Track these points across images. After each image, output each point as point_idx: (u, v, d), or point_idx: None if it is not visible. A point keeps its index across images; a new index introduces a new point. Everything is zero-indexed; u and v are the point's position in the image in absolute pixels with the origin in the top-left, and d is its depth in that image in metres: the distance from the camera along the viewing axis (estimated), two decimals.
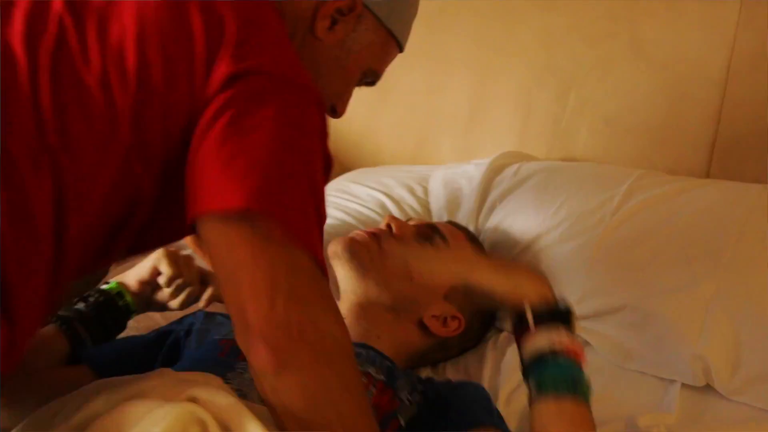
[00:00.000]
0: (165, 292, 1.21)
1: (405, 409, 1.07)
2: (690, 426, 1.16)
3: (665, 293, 1.24)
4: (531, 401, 0.95)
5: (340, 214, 1.50)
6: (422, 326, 1.23)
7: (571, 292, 1.27)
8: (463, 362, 1.30)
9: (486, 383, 1.23)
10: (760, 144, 1.41)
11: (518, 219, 1.38)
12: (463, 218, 1.44)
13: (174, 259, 1.21)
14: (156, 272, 1.21)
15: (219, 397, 0.85)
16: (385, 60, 1.20)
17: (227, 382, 0.95)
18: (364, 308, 1.23)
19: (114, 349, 1.18)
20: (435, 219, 1.48)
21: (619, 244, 1.30)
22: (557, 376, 0.96)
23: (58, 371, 1.13)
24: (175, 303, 1.22)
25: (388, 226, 1.28)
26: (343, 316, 1.00)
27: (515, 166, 1.49)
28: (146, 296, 1.23)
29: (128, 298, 1.21)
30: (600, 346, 1.28)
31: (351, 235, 1.28)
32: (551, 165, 1.49)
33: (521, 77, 1.61)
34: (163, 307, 1.23)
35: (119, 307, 1.21)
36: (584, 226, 1.33)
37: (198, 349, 1.17)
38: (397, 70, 1.18)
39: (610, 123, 1.52)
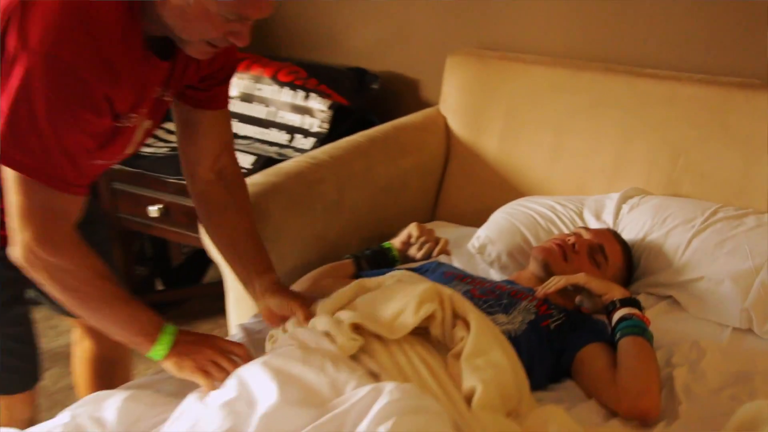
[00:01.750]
0: (413, 249, 2.04)
1: (553, 318, 1.82)
2: (734, 351, 1.87)
3: (730, 270, 1.98)
4: (618, 343, 1.69)
5: (533, 214, 2.30)
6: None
7: (669, 266, 2.04)
8: None
9: None
10: None
11: (642, 219, 2.17)
12: (608, 216, 2.23)
13: (420, 228, 2.04)
14: (410, 237, 2.04)
15: (448, 289, 1.63)
16: (230, 3, 1.41)
17: None
18: (542, 282, 1.92)
19: (376, 273, 1.97)
20: (591, 217, 2.26)
21: (703, 239, 2.06)
22: (634, 326, 1.71)
23: (348, 279, 1.95)
24: (419, 255, 2.04)
25: (575, 239, 2.02)
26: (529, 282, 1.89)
27: (639, 197, 2.29)
28: (404, 252, 2.06)
29: (394, 252, 2.06)
30: (685, 302, 2.02)
31: (547, 245, 2.02)
32: (663, 197, 2.27)
33: (648, 145, 2.38)
34: (413, 259, 2.06)
35: (388, 257, 2.06)
36: (683, 228, 2.10)
37: (431, 276, 1.96)
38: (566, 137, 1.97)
39: (705, 176, 2.28)
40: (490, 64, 2.67)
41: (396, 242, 2.07)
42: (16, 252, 1.48)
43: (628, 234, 2.15)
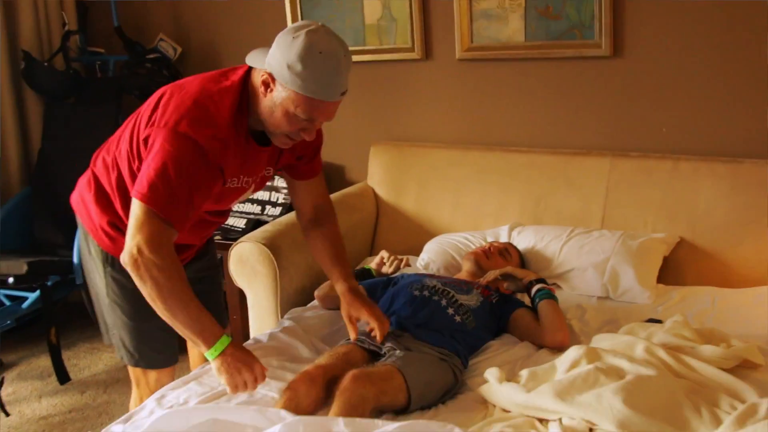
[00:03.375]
0: (386, 267, 3.07)
1: (493, 296, 2.90)
2: (601, 308, 3.05)
3: (591, 261, 3.18)
4: (535, 307, 2.73)
5: (454, 242, 3.40)
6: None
7: (551, 264, 3.22)
8: None
9: None
10: None
11: (527, 238, 3.34)
12: (503, 239, 3.38)
13: (388, 253, 3.07)
14: (382, 259, 3.06)
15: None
16: (313, 108, 2.03)
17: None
18: (476, 276, 3.04)
19: (369, 283, 2.97)
20: (492, 240, 3.39)
21: (570, 246, 3.27)
22: (546, 294, 2.81)
23: None
24: (390, 270, 3.04)
25: (489, 247, 3.15)
26: (466, 277, 2.97)
27: (521, 227, 3.46)
28: (379, 270, 3.03)
29: (373, 272, 3.03)
30: (565, 284, 3.19)
31: (474, 251, 3.13)
32: (535, 226, 3.46)
33: (519, 195, 3.60)
34: (386, 274, 3.03)
35: (370, 275, 3.02)
36: (555, 241, 3.30)
37: (410, 278, 2.98)
38: (462, 194, 3.17)
39: (558, 212, 3.52)
40: (403, 149, 3.85)
41: (373, 264, 3.10)
42: (125, 254, 2.03)
43: (521, 247, 3.31)
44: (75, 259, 3.75)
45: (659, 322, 2.68)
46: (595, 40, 3.41)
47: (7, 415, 3.49)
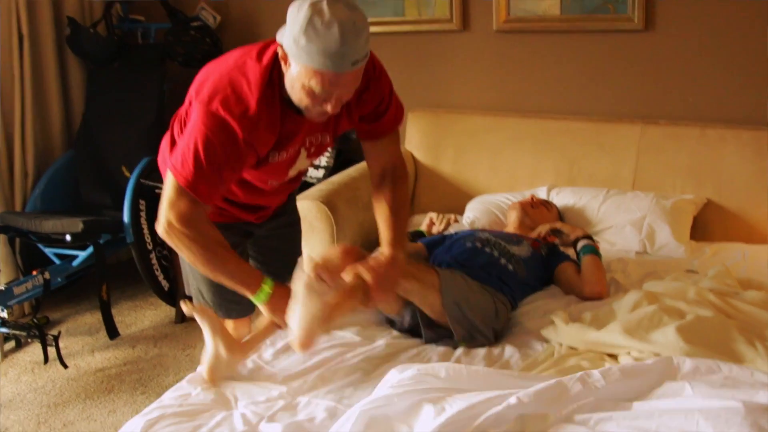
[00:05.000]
0: (435, 228, 3.26)
1: (542, 248, 3.09)
2: (641, 262, 3.27)
3: (628, 219, 3.39)
4: (580, 260, 2.95)
5: (495, 201, 3.61)
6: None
7: (590, 221, 3.43)
8: None
9: None
10: None
11: (566, 198, 3.55)
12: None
13: (436, 214, 3.26)
14: (431, 220, 3.25)
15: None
16: (309, 76, 1.98)
17: None
18: (523, 225, 3.28)
19: (427, 240, 3.15)
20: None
21: (607, 205, 3.48)
22: (590, 249, 3.03)
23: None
24: (441, 229, 3.25)
25: (532, 199, 3.38)
26: (513, 229, 3.18)
27: (558, 188, 3.67)
28: (429, 231, 3.22)
29: (424, 233, 3.23)
30: (604, 241, 3.41)
31: (520, 201, 3.36)
32: (571, 187, 3.67)
33: (553, 159, 3.80)
34: (437, 233, 3.22)
35: (420, 237, 3.19)
36: (593, 201, 3.51)
37: (464, 233, 3.17)
38: (497, 158, 3.37)
39: (591, 175, 3.73)
40: (441, 115, 4.05)
41: (423, 226, 3.30)
42: (160, 227, 2.11)
43: (560, 206, 3.51)
44: (126, 219, 3.90)
45: (697, 273, 2.90)
46: (628, 14, 3.62)
47: (66, 367, 3.65)
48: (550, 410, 1.89)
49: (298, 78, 2.01)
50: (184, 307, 2.23)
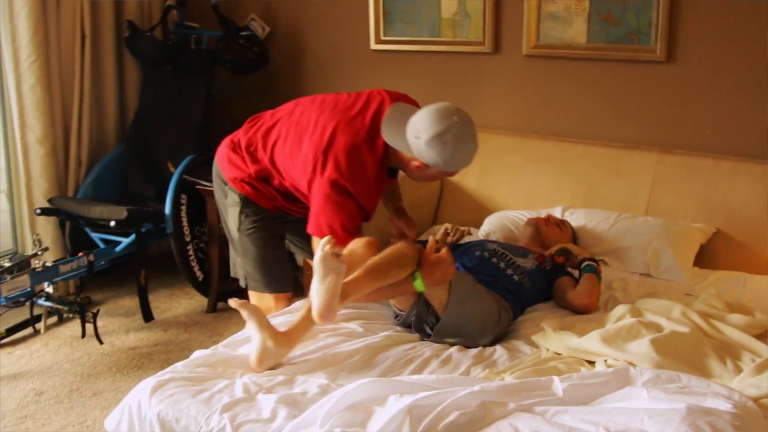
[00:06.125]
0: (449, 238, 3.42)
1: (547, 263, 3.25)
2: (642, 283, 3.43)
3: (635, 241, 3.55)
4: (581, 276, 3.09)
5: (511, 217, 3.80)
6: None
7: (600, 242, 3.61)
8: None
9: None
10: None
11: (579, 218, 3.72)
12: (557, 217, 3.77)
13: (451, 225, 3.47)
14: (446, 230, 3.42)
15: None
16: (453, 173, 2.78)
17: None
18: (535, 241, 3.46)
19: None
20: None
21: (617, 227, 3.65)
22: (591, 269, 3.18)
23: None
24: (454, 239, 3.42)
25: (548, 218, 3.55)
26: (525, 243, 3.36)
27: (573, 209, 3.84)
28: (443, 240, 3.36)
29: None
30: (611, 261, 3.57)
31: (537, 218, 3.53)
32: (586, 209, 3.84)
33: (570, 182, 3.98)
34: (450, 244, 3.40)
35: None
36: (604, 223, 3.68)
37: (461, 248, 3.37)
38: (518, 177, 3.55)
39: (606, 198, 3.90)
40: None
41: (438, 236, 3.46)
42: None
43: (574, 225, 3.69)
44: (167, 210, 4.18)
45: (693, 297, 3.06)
46: (651, 45, 3.78)
47: (101, 343, 3.93)
48: (511, 400, 2.08)
49: (436, 174, 2.71)
50: (234, 303, 2.43)
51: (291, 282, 3.07)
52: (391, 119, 2.67)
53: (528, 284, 3.02)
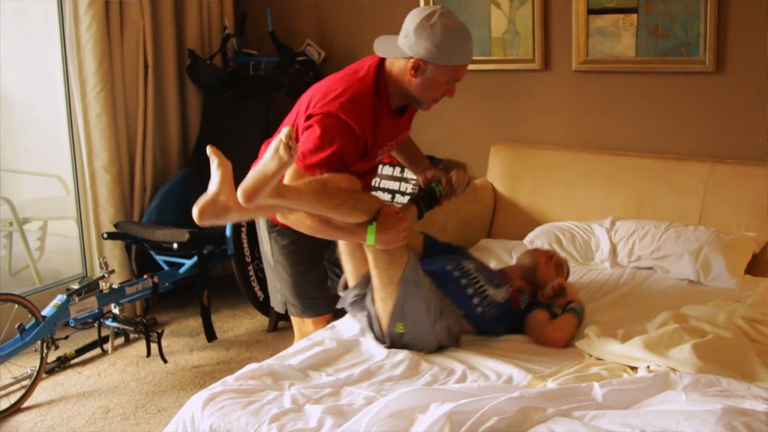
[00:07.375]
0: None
1: (522, 301, 2.98)
2: (693, 291, 3.42)
3: (686, 249, 3.55)
4: (561, 314, 2.89)
5: (560, 226, 3.84)
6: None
7: (649, 250, 3.62)
8: None
9: None
10: None
11: (629, 227, 3.74)
12: (607, 225, 3.79)
13: (459, 172, 2.96)
14: (450, 178, 2.93)
15: None
16: (456, 72, 2.58)
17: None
18: (527, 274, 3.19)
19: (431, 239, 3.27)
20: (597, 226, 3.80)
21: (668, 235, 3.65)
22: (573, 310, 2.92)
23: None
24: (458, 192, 2.94)
25: (553, 255, 3.25)
26: (516, 271, 3.16)
27: (621, 219, 3.85)
28: (448, 188, 2.92)
29: (441, 189, 2.89)
30: (661, 269, 3.58)
31: (537, 251, 3.31)
32: (637, 220, 3.84)
33: (623, 195, 3.99)
34: (453, 194, 2.94)
35: (436, 194, 2.90)
36: (654, 231, 3.69)
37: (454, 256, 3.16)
38: (571, 191, 3.58)
39: (658, 209, 3.90)
40: (521, 149, 4.31)
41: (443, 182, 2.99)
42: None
43: (622, 234, 3.71)
44: (227, 232, 4.31)
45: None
46: (700, 57, 3.79)
47: (165, 362, 4.07)
48: (551, 406, 2.12)
49: (436, 77, 2.57)
50: (209, 149, 2.38)
51: (328, 304, 3.03)
52: (380, 40, 2.68)
53: (493, 315, 2.85)
